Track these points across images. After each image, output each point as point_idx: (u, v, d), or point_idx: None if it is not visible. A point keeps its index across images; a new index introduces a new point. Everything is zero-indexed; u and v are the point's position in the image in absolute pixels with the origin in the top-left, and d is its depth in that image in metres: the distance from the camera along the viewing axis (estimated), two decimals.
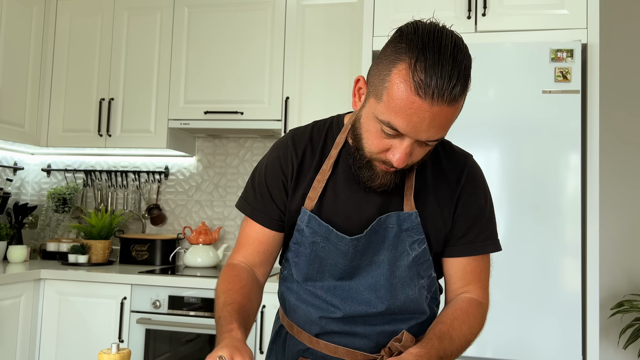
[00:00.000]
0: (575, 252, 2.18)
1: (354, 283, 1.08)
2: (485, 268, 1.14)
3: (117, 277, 2.75)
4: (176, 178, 3.50)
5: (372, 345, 1.09)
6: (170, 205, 3.50)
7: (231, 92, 3.03)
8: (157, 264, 3.23)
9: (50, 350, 2.81)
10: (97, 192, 3.57)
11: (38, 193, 3.66)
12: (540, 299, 2.20)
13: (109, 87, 3.20)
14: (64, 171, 3.62)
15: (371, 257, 1.08)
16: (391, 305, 1.07)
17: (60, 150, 3.47)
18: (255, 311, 1.10)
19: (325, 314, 1.09)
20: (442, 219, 1.10)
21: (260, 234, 1.17)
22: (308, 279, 1.11)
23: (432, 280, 1.14)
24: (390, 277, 1.07)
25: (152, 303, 2.72)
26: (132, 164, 3.56)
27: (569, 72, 2.18)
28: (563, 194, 2.22)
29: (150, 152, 3.39)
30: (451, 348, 1.01)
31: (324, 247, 1.08)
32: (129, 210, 3.53)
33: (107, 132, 3.16)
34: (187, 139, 3.37)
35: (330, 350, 1.10)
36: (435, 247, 1.10)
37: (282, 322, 1.22)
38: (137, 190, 3.53)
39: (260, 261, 1.17)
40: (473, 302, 1.10)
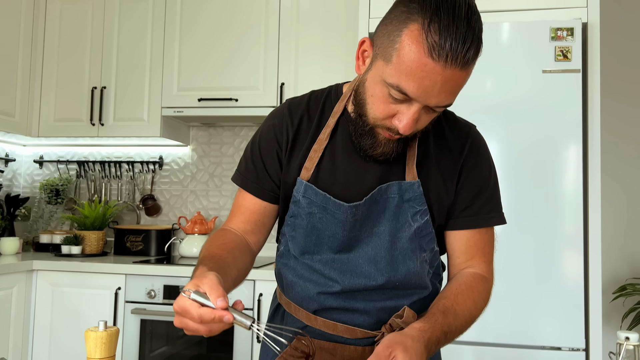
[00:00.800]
0: (577, 237, 2.15)
1: (352, 256, 1.04)
2: (490, 242, 1.10)
3: (111, 267, 2.70)
4: (171, 168, 3.45)
5: (372, 322, 1.05)
6: (165, 195, 3.45)
7: (225, 78, 2.98)
8: (152, 254, 3.18)
9: (44, 341, 2.77)
10: (91, 183, 3.51)
11: (30, 185, 3.60)
12: (542, 284, 2.16)
13: (101, 75, 3.14)
14: (56, 162, 3.56)
15: (371, 228, 1.03)
16: (392, 278, 1.03)
17: (53, 141, 3.42)
18: (242, 268, 1.03)
19: (323, 289, 1.05)
20: (445, 189, 1.06)
21: (252, 204, 1.13)
22: (305, 252, 1.07)
23: (435, 254, 1.10)
24: (391, 249, 1.03)
25: (147, 293, 2.67)
26: (125, 155, 3.50)
27: (569, 50, 2.14)
28: (564, 176, 2.18)
29: (144, 142, 3.34)
30: (455, 323, 0.97)
31: (321, 218, 1.03)
32: (123, 201, 3.47)
33: (99, 121, 3.10)
34: (181, 127, 3.31)
35: (329, 328, 1.06)
36: (438, 219, 1.06)
37: (279, 301, 1.18)
38: (131, 180, 3.47)
39: (252, 229, 1.13)
40: (477, 277, 1.06)
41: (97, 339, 0.91)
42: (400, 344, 0.84)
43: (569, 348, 2.09)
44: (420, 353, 0.86)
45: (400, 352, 0.83)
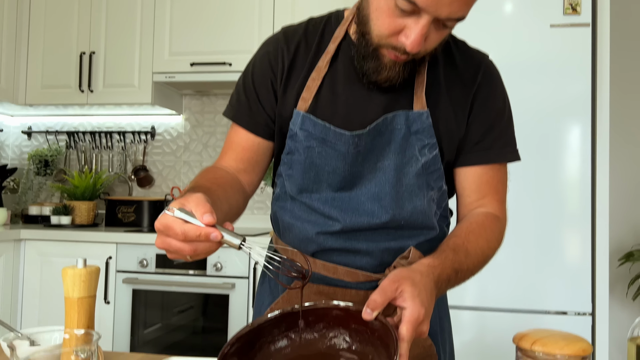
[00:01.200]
0: (585, 202, 2.08)
1: (354, 193, 0.96)
2: (503, 179, 1.02)
3: (101, 235, 2.62)
4: (163, 138, 3.35)
5: (375, 264, 0.97)
6: (158, 167, 3.35)
7: (219, 42, 2.87)
8: (145, 226, 3.10)
9: (33, 311, 2.69)
10: (81, 154, 3.41)
11: (19, 157, 3.50)
12: (548, 249, 2.09)
13: (90, 40, 3.03)
14: (45, 133, 3.45)
15: (374, 163, 0.95)
16: (397, 215, 0.95)
17: (41, 111, 3.31)
18: (233, 205, 0.95)
19: (322, 229, 0.96)
20: (455, 121, 0.97)
21: (244, 139, 1.04)
22: (303, 191, 0.98)
23: (443, 194, 1.02)
24: (397, 185, 0.95)
25: (139, 262, 2.59)
26: (116, 125, 3.40)
27: (578, 4, 2.05)
28: (571, 139, 2.10)
29: (135, 111, 3.24)
30: (467, 262, 0.89)
31: (320, 152, 0.95)
32: (114, 172, 3.38)
33: (88, 87, 2.99)
34: (174, 96, 3.21)
35: (329, 271, 0.98)
36: (447, 155, 0.98)
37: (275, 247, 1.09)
38: (122, 151, 3.38)
39: (244, 168, 1.04)
40: (490, 216, 0.98)
41: (75, 276, 0.83)
42: (408, 278, 0.76)
43: (575, 312, 2.03)
44: (429, 289, 0.78)
45: (408, 287, 0.75)
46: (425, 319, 0.74)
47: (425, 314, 0.74)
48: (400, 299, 0.74)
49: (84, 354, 0.65)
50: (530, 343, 0.74)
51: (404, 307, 0.73)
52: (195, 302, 2.58)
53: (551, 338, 0.74)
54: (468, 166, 1.00)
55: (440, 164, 0.97)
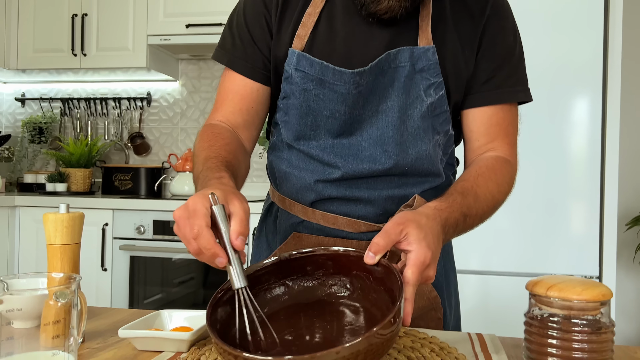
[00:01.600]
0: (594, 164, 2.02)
1: (355, 139, 0.90)
2: (513, 121, 0.96)
3: (97, 201, 2.57)
4: (159, 105, 3.28)
5: (377, 213, 0.91)
6: (154, 134, 3.29)
7: (215, 1, 2.77)
8: (142, 194, 3.05)
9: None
10: (76, 121, 3.35)
11: (13, 125, 3.43)
12: (556, 213, 2.05)
13: (82, 1, 2.93)
14: (39, 100, 3.38)
15: (377, 105, 0.89)
16: (400, 161, 0.89)
17: (34, 77, 3.24)
18: (243, 176, 0.90)
19: (321, 176, 0.91)
20: (463, 58, 0.91)
21: (241, 87, 0.96)
22: (300, 138, 0.92)
23: (450, 139, 0.96)
24: (400, 128, 0.88)
25: (136, 229, 2.55)
26: (112, 91, 3.33)
27: None
28: (582, 101, 2.03)
29: (130, 77, 3.16)
30: (476, 206, 0.83)
31: (317, 95, 0.88)
32: (110, 139, 3.32)
33: (81, 51, 2.91)
34: (170, 60, 3.13)
35: (329, 221, 0.93)
36: (454, 95, 0.91)
37: (272, 199, 1.04)
38: (118, 118, 3.31)
39: (243, 122, 0.96)
40: (500, 160, 0.92)
41: (57, 221, 0.77)
42: (414, 221, 0.71)
43: (582, 275, 1.99)
44: (436, 233, 0.72)
45: (414, 230, 0.69)
46: (432, 263, 0.69)
47: (431, 258, 0.68)
48: (404, 242, 0.68)
49: (63, 298, 0.60)
50: (546, 288, 0.68)
51: (409, 251, 0.68)
52: (196, 273, 2.55)
53: (568, 283, 0.69)
54: (476, 107, 0.93)
55: (446, 105, 0.90)
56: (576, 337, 0.66)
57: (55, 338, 0.58)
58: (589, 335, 0.66)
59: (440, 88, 0.89)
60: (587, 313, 0.67)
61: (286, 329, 0.71)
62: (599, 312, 0.67)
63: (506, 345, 0.79)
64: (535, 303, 0.71)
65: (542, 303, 0.69)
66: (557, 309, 0.68)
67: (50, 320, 0.57)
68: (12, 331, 0.58)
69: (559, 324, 0.67)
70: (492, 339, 0.82)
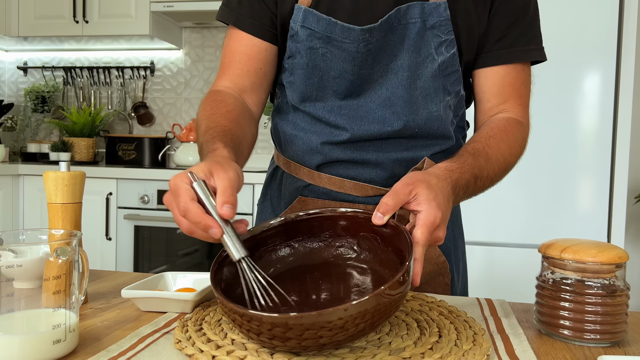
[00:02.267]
0: (605, 135, 1.99)
1: (363, 100, 0.87)
2: (526, 81, 0.93)
3: (101, 171, 2.56)
4: (163, 74, 3.24)
5: (385, 177, 0.89)
6: (158, 104, 3.26)
7: None
8: (146, 164, 3.03)
9: None
10: (79, 91, 3.32)
11: (15, 94, 3.41)
12: (565, 187, 2.02)
13: None
14: (41, 69, 3.35)
15: (386, 64, 0.86)
16: (410, 122, 0.86)
17: (36, 46, 3.20)
18: (250, 142, 0.87)
19: (328, 138, 0.88)
20: (476, 15, 0.87)
21: (249, 47, 0.92)
22: (306, 99, 0.89)
23: (460, 100, 0.93)
24: (410, 88, 0.86)
25: (140, 198, 2.54)
26: (114, 60, 3.29)
27: None
28: (595, 69, 1.99)
29: (133, 45, 3.12)
30: (487, 168, 0.81)
31: (324, 54, 0.85)
32: (114, 109, 3.29)
33: (83, 17, 2.86)
34: (173, 29, 3.08)
35: (335, 185, 0.91)
36: (466, 54, 0.88)
37: (277, 163, 1.02)
38: (121, 88, 3.28)
39: (251, 84, 0.92)
40: (512, 121, 0.90)
41: (58, 179, 0.76)
42: (423, 181, 0.68)
43: None
44: (446, 193, 0.70)
45: (424, 190, 0.66)
46: (442, 224, 0.67)
47: (441, 218, 0.66)
48: (414, 203, 0.66)
49: (64, 255, 0.59)
50: (560, 251, 0.67)
51: (418, 211, 0.66)
52: (200, 245, 2.55)
53: (583, 245, 0.67)
54: (488, 67, 0.90)
55: (458, 64, 0.87)
56: (590, 300, 0.64)
57: (56, 294, 0.56)
58: (603, 298, 0.64)
59: (451, 46, 0.86)
60: (601, 276, 0.65)
61: (292, 291, 0.69)
62: (613, 275, 0.65)
63: (516, 310, 0.78)
64: (547, 266, 0.69)
65: (555, 266, 0.68)
66: (571, 272, 0.66)
67: (51, 275, 0.56)
68: (12, 289, 0.57)
69: (573, 287, 0.65)
70: (501, 303, 0.80)
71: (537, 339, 0.66)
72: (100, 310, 0.73)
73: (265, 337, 0.53)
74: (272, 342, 0.54)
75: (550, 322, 0.67)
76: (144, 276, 0.92)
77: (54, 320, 0.56)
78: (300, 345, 0.53)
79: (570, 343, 0.65)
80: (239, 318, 0.54)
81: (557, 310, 0.66)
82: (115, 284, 0.88)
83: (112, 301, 0.78)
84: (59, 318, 0.56)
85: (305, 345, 0.53)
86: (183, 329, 0.63)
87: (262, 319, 0.52)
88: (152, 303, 0.72)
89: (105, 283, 0.88)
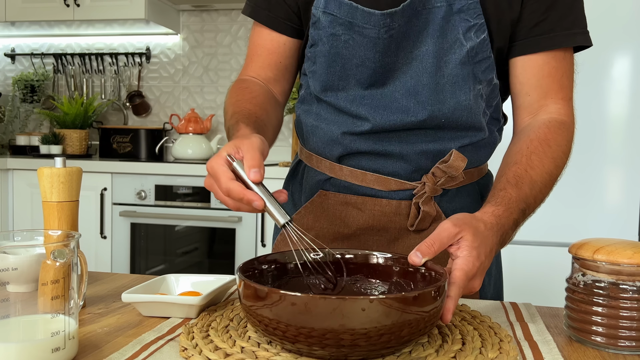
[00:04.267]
0: (635, 127, 1.97)
1: (387, 90, 0.87)
2: (568, 71, 0.91)
3: (94, 164, 2.57)
4: (159, 61, 3.24)
5: (409, 170, 0.89)
6: (155, 92, 3.26)
7: None
8: (142, 157, 3.04)
9: None
10: (70, 79, 3.33)
11: (3, 83, 3.42)
12: (593, 179, 2.01)
13: None
14: (30, 56, 3.36)
15: (410, 51, 0.85)
16: (436, 112, 0.86)
17: (25, 31, 3.20)
18: (275, 125, 0.94)
19: (349, 129, 0.89)
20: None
21: (268, 41, 0.98)
22: (328, 89, 0.91)
23: (494, 89, 0.91)
24: (436, 75, 0.85)
25: (137, 194, 2.55)
26: (108, 46, 3.29)
27: None
28: (625, 49, 1.97)
29: (128, 30, 3.12)
30: (533, 194, 0.81)
31: (347, 41, 0.86)
32: (107, 99, 3.30)
33: (74, 1, 2.86)
34: (170, 12, 3.07)
35: (357, 178, 0.91)
36: (497, 40, 0.87)
37: (300, 157, 1.03)
38: (115, 75, 3.28)
39: (274, 76, 1.00)
40: (553, 125, 0.88)
41: (53, 176, 0.76)
42: (471, 227, 0.69)
43: None
44: (490, 245, 0.71)
45: (470, 236, 0.68)
46: (479, 275, 0.68)
47: (479, 269, 0.68)
48: (455, 246, 0.68)
49: (62, 258, 0.59)
50: (592, 252, 0.66)
51: (457, 256, 0.67)
52: (200, 243, 2.56)
53: (617, 246, 0.66)
54: (525, 55, 0.89)
55: (490, 50, 0.86)
56: (625, 304, 0.64)
57: (54, 299, 0.57)
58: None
59: (481, 31, 0.85)
60: (637, 279, 0.65)
61: None
62: None
63: (543, 315, 0.78)
64: (579, 268, 0.69)
65: (587, 268, 0.67)
66: (604, 274, 0.66)
67: (48, 280, 0.56)
68: (7, 293, 0.57)
69: (606, 290, 0.65)
70: (527, 307, 0.80)
71: (567, 346, 0.66)
72: (99, 316, 0.74)
73: (284, 333, 0.55)
74: (296, 339, 0.55)
75: (581, 328, 0.67)
76: (144, 278, 0.92)
77: (52, 326, 0.56)
78: (322, 343, 0.53)
79: (604, 351, 0.65)
80: (259, 308, 0.56)
81: (589, 315, 0.66)
82: (114, 286, 0.88)
83: (112, 305, 0.78)
84: (58, 324, 0.57)
85: (326, 344, 0.54)
86: (189, 336, 0.63)
87: (285, 297, 0.53)
88: (155, 308, 0.72)
89: (104, 286, 0.89)
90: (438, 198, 0.90)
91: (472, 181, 0.95)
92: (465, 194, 0.94)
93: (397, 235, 0.92)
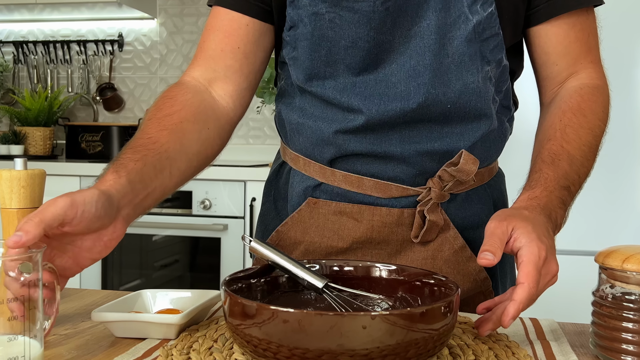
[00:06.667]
0: None
1: (382, 73, 0.86)
2: (594, 30, 0.93)
3: (60, 167, 2.58)
4: (134, 49, 3.25)
5: (412, 174, 0.89)
6: (128, 85, 3.27)
7: None
8: (114, 158, 3.04)
9: None
10: (33, 70, 3.34)
11: None
12: (621, 182, 2.02)
13: None
14: None
15: (409, 27, 0.85)
16: (440, 96, 0.85)
17: None
18: (195, 152, 0.86)
19: (341, 126, 0.88)
20: None
21: (225, 22, 0.91)
22: (312, 77, 0.89)
23: (504, 71, 0.91)
24: (440, 54, 0.85)
25: None
26: (75, 32, 3.30)
27: None
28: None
29: (97, 15, 3.14)
30: (575, 168, 0.83)
31: (332, 20, 0.85)
32: (75, 92, 3.30)
33: None
34: None
35: (352, 184, 0.90)
36: (506, 14, 0.87)
37: (283, 158, 1.02)
38: (83, 66, 3.29)
39: (225, 68, 0.92)
40: (586, 92, 0.90)
41: (13, 180, 0.76)
42: (515, 215, 0.73)
43: None
44: (542, 223, 0.74)
45: (519, 222, 0.71)
46: (550, 256, 0.71)
47: (547, 249, 0.70)
48: (510, 241, 0.71)
49: (27, 271, 0.59)
50: (621, 261, 0.67)
51: (518, 248, 0.70)
52: (180, 255, 2.56)
53: None
54: (549, 21, 0.90)
55: (498, 27, 0.86)
56: None
57: (12, 320, 0.56)
58: None
59: (489, 3, 0.85)
60: None
61: None
62: None
63: (568, 332, 0.78)
64: (606, 279, 0.69)
65: (615, 279, 0.68)
66: (635, 286, 0.66)
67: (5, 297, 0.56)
68: None
69: (637, 304, 0.65)
70: (550, 324, 0.81)
71: None
72: (65, 337, 0.74)
73: (275, 354, 0.55)
74: None
75: (609, 346, 0.67)
76: (117, 294, 0.92)
77: (10, 351, 0.56)
78: None
79: None
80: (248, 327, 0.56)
81: (619, 332, 0.66)
82: (83, 304, 0.88)
83: (80, 325, 0.78)
84: (17, 348, 0.56)
85: None
86: (167, 359, 0.63)
87: (276, 314, 0.53)
88: (129, 327, 0.72)
89: (71, 303, 0.89)
90: (445, 205, 0.90)
91: (482, 183, 0.95)
92: (477, 199, 0.94)
93: (399, 249, 0.91)
